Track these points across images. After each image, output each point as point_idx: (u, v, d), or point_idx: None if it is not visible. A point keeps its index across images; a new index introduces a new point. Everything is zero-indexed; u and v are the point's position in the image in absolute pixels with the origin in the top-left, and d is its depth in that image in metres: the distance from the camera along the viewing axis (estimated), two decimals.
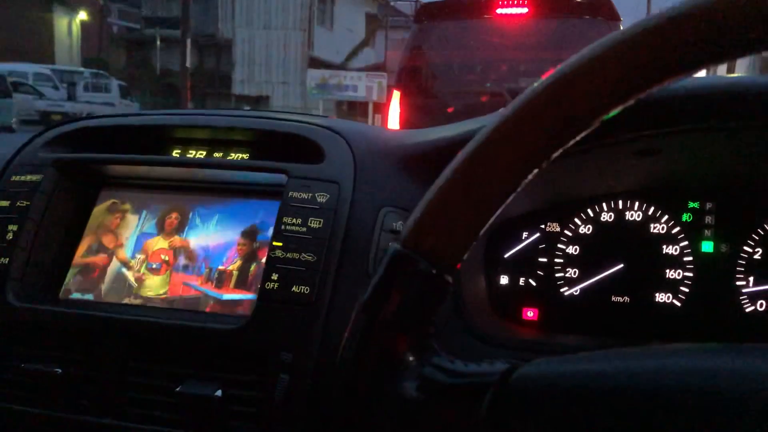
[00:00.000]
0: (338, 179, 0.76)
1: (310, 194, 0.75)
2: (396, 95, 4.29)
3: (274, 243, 0.73)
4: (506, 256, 0.86)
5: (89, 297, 0.80)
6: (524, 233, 0.86)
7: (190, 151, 0.88)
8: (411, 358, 0.40)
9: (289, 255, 0.72)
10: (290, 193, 0.75)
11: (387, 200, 0.77)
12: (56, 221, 0.83)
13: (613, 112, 0.36)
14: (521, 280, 0.86)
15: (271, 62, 21.23)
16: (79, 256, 0.83)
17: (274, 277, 0.71)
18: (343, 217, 0.74)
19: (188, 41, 14.35)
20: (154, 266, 0.81)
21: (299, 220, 0.73)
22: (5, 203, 0.81)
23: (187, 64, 14.66)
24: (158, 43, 21.47)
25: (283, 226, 0.73)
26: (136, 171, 0.86)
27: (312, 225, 0.73)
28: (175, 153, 0.89)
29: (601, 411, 0.35)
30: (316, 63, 19.84)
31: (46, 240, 0.81)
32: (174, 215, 0.83)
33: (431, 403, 0.39)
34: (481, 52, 4.32)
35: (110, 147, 0.87)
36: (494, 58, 4.30)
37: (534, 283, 0.86)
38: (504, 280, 0.86)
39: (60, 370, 0.73)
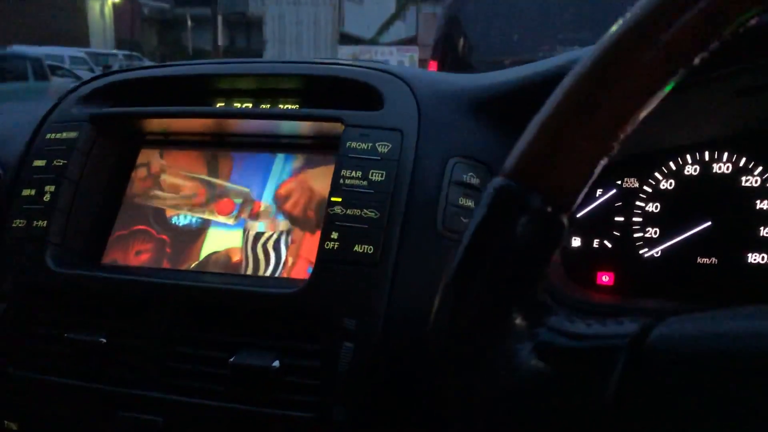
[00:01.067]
0: (401, 127, 0.69)
1: (370, 144, 0.68)
2: (432, 67, 4.18)
3: (333, 199, 0.66)
4: (579, 215, 0.79)
5: (134, 261, 0.76)
6: (599, 190, 0.79)
7: (235, 103, 0.82)
8: (520, 319, 0.34)
9: (349, 211, 0.65)
10: (348, 144, 0.69)
11: (455, 149, 0.70)
12: (95, 181, 0.78)
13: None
14: (595, 242, 0.79)
15: (301, 39, 21.14)
16: (122, 218, 0.78)
17: (334, 236, 0.65)
18: (408, 168, 0.67)
19: (219, 19, 14.35)
20: (201, 228, 0.76)
21: (359, 173, 0.67)
22: (41, 163, 0.76)
23: (219, 43, 14.68)
24: (189, 22, 21.55)
25: (341, 180, 0.67)
26: (177, 126, 0.80)
27: (373, 178, 0.66)
28: (219, 105, 0.83)
29: (757, 376, 0.28)
30: (346, 38, 19.72)
31: (85, 201, 0.76)
32: (221, 173, 0.78)
33: (550, 371, 0.32)
34: (519, 20, 4.17)
35: (149, 101, 0.82)
36: (533, 28, 4.15)
37: (609, 245, 0.78)
38: (576, 242, 0.79)
39: (105, 340, 0.68)
